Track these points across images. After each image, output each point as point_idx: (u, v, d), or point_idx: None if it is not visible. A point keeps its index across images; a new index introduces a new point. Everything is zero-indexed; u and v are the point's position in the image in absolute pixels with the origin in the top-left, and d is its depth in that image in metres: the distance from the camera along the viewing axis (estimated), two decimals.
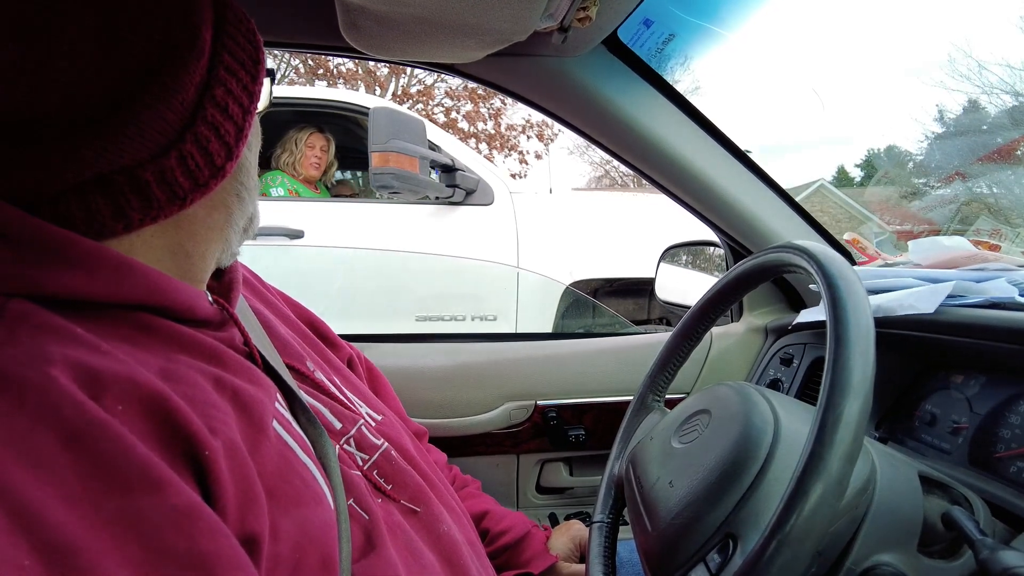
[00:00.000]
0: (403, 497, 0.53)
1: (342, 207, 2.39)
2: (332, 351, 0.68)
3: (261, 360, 0.47)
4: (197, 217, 0.42)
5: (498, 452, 1.06)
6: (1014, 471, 0.55)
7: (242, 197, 0.46)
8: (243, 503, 0.34)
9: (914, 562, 0.43)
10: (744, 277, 0.57)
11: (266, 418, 0.40)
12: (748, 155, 0.94)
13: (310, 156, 2.45)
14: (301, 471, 0.41)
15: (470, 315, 2.22)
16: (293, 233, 2.14)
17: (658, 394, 0.67)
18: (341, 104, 2.42)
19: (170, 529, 0.28)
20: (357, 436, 0.54)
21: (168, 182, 0.37)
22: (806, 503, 0.34)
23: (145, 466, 0.29)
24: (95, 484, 0.27)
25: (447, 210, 2.23)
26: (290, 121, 2.50)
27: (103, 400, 0.30)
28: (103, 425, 0.29)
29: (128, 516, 0.28)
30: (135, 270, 0.37)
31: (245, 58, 0.42)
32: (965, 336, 0.63)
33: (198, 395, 0.36)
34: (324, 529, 0.39)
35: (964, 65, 6.82)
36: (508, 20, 0.62)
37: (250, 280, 0.62)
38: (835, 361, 0.37)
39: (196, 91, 0.38)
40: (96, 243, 0.36)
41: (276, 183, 2.37)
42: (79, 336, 0.33)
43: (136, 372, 0.33)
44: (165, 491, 0.29)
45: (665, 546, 0.45)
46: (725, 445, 0.46)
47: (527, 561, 0.72)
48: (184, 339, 0.40)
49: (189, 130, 0.38)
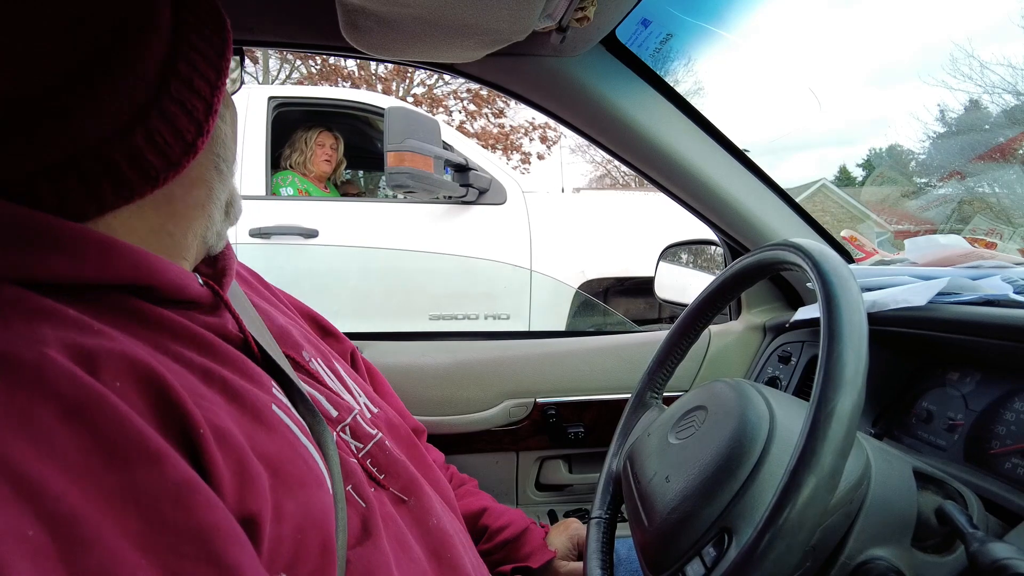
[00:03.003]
0: (395, 487, 0.54)
1: (354, 206, 2.40)
2: (333, 344, 0.68)
3: (257, 348, 0.47)
4: (175, 195, 0.42)
5: (498, 449, 1.07)
6: (1008, 467, 0.55)
7: (221, 170, 0.46)
8: (240, 484, 0.34)
9: (908, 556, 0.43)
10: (741, 274, 0.58)
11: (261, 405, 0.40)
12: (746, 154, 0.95)
13: (321, 154, 2.47)
14: (304, 455, 0.41)
15: (483, 314, 2.24)
16: (308, 232, 2.16)
17: (656, 391, 0.67)
18: (351, 104, 2.44)
19: (168, 502, 0.29)
20: (352, 424, 0.54)
21: (138, 161, 0.37)
22: (799, 496, 0.34)
23: (143, 439, 0.29)
24: (94, 457, 0.28)
25: (460, 209, 2.25)
26: (298, 121, 2.51)
27: (100, 375, 0.31)
28: (101, 398, 0.29)
29: (127, 489, 0.28)
30: (120, 249, 0.37)
31: (210, 33, 0.41)
32: (960, 333, 0.63)
33: (186, 382, 0.36)
34: (325, 512, 0.40)
35: (966, 65, 6.82)
36: (507, 20, 0.62)
37: (247, 277, 0.63)
38: (828, 356, 0.37)
39: (157, 67, 0.37)
40: (79, 225, 0.36)
41: (287, 182, 2.38)
42: (72, 317, 0.33)
43: (130, 349, 0.33)
44: (163, 464, 0.29)
45: (661, 540, 0.46)
46: (721, 441, 0.46)
47: (526, 556, 0.72)
48: (175, 326, 0.40)
49: (154, 106, 0.37)
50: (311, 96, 2.57)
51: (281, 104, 2.34)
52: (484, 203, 2.25)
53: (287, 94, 2.44)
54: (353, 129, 2.75)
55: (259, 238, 2.11)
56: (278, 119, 2.34)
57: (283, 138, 2.47)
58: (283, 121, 2.40)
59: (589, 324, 2.35)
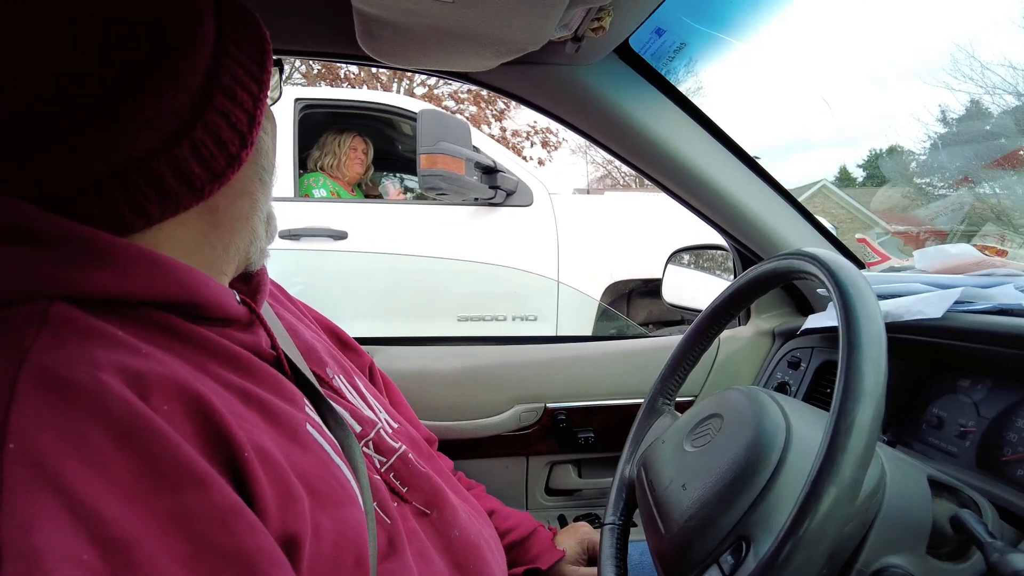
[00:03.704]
0: (418, 500, 0.54)
1: (382, 208, 2.42)
2: (353, 357, 0.69)
3: (288, 364, 0.48)
4: (219, 207, 0.43)
5: (508, 454, 1.07)
6: (1021, 474, 0.56)
7: (264, 181, 0.47)
8: (282, 504, 0.34)
9: (923, 564, 0.43)
10: (755, 283, 0.58)
11: (296, 424, 0.41)
12: (757, 161, 0.95)
13: (354, 158, 2.49)
14: (337, 473, 0.42)
15: (511, 315, 2.25)
16: (337, 234, 2.17)
17: (668, 397, 0.67)
18: (378, 106, 2.45)
19: (215, 526, 0.29)
20: (376, 439, 0.54)
21: (183, 172, 0.38)
22: (820, 507, 0.34)
23: (191, 464, 0.30)
24: (146, 481, 0.28)
25: (486, 211, 2.27)
26: (324, 123, 2.52)
27: (150, 400, 0.31)
28: (152, 424, 0.30)
29: (177, 513, 0.28)
30: (164, 265, 0.38)
31: (250, 47, 0.42)
32: (972, 342, 0.63)
33: (228, 404, 0.36)
34: (358, 529, 0.40)
35: (967, 66, 6.80)
36: (523, 31, 0.63)
37: (273, 291, 0.63)
38: (848, 368, 0.38)
39: (202, 79, 0.38)
40: (125, 240, 0.36)
41: (319, 184, 2.39)
42: (120, 339, 0.34)
43: (178, 373, 0.34)
44: (210, 489, 0.30)
45: (679, 548, 0.46)
46: (738, 449, 0.46)
47: (535, 557, 0.73)
48: (212, 345, 0.40)
49: (198, 118, 0.38)
50: (338, 98, 2.58)
51: (308, 106, 2.36)
52: (511, 205, 2.27)
53: (314, 96, 2.45)
54: (374, 131, 2.76)
55: (289, 240, 2.13)
56: (303, 121, 2.36)
57: (308, 140, 2.48)
58: (308, 123, 2.41)
59: (615, 326, 2.37)
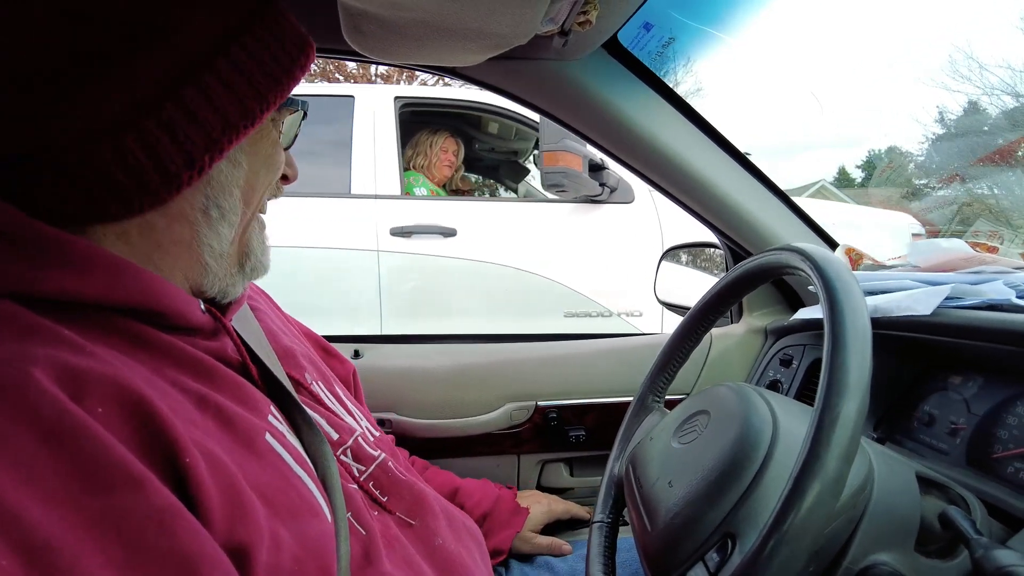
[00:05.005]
0: (399, 509, 0.54)
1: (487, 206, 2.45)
2: (335, 365, 0.68)
3: (258, 370, 0.47)
4: (157, 227, 0.40)
5: (499, 452, 1.07)
6: (1011, 471, 0.55)
7: (211, 216, 0.42)
8: (231, 512, 0.33)
9: (911, 561, 0.43)
10: (743, 278, 0.58)
11: (254, 433, 0.39)
12: (748, 157, 0.95)
13: (444, 159, 2.50)
14: (296, 484, 0.40)
15: (616, 311, 2.29)
16: (447, 231, 2.21)
17: (658, 395, 0.67)
18: (472, 104, 2.46)
19: (152, 528, 0.28)
20: (354, 447, 0.54)
21: (103, 174, 0.35)
22: (803, 502, 0.34)
23: (124, 464, 0.29)
24: (74, 484, 0.27)
25: (589, 208, 2.30)
26: (417, 122, 2.54)
27: (84, 401, 0.30)
28: (82, 425, 0.28)
29: (109, 515, 0.27)
30: (128, 271, 0.36)
31: (257, 74, 0.39)
32: (963, 338, 0.63)
33: (179, 408, 0.35)
34: (322, 542, 0.39)
35: (965, 66, 6.84)
36: (509, 25, 0.62)
37: (258, 298, 0.62)
38: (832, 362, 0.37)
39: (155, 85, 0.35)
40: (91, 243, 0.35)
41: (419, 183, 2.41)
42: (65, 337, 0.32)
43: (120, 374, 0.32)
44: (146, 489, 0.29)
45: (664, 545, 0.46)
46: (724, 445, 0.46)
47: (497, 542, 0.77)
48: (173, 350, 0.39)
49: (132, 124, 0.35)
50: (434, 97, 2.59)
51: (406, 104, 2.38)
52: (613, 201, 2.30)
53: (411, 94, 2.47)
54: (458, 130, 2.76)
55: (400, 236, 2.17)
56: (402, 119, 2.37)
57: (404, 138, 2.49)
58: (406, 121, 2.43)
59: None
